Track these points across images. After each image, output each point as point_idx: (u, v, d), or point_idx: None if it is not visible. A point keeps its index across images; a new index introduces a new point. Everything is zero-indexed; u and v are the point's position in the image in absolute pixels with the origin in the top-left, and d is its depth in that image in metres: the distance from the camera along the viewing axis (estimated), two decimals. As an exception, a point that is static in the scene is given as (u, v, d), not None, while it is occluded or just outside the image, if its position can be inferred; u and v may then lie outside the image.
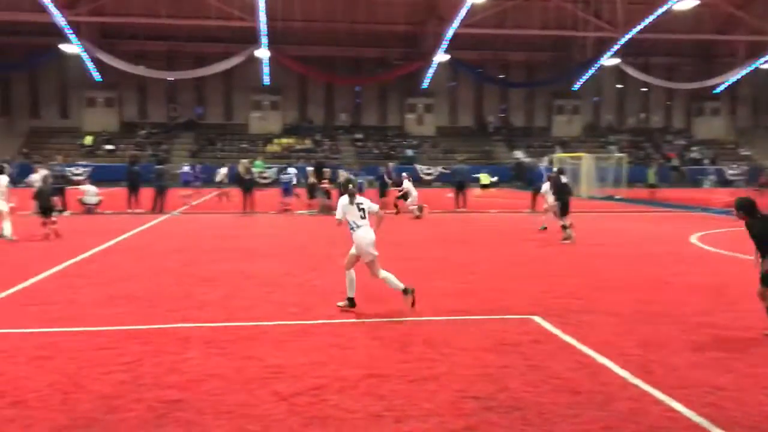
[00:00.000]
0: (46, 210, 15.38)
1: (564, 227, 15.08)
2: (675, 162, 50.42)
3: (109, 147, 47.31)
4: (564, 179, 15.91)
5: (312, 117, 53.96)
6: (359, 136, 52.17)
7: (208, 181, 30.70)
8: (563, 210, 15.18)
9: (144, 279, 10.17)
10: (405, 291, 8.07)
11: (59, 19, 40.19)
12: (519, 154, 48.82)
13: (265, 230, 17.82)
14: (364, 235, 8.04)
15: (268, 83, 50.58)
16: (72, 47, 43.71)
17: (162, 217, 20.74)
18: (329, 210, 22.75)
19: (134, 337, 6.92)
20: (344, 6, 46.84)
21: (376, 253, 8.10)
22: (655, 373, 5.87)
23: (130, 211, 22.06)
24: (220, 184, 28.46)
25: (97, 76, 47.92)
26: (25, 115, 50.85)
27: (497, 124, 55.61)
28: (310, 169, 24.03)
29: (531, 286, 9.86)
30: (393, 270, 8.29)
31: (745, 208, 7.07)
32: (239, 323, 7.54)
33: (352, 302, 8.19)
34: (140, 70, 47.80)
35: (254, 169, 26.45)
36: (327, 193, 22.79)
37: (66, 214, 21.37)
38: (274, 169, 38.09)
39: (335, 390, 5.41)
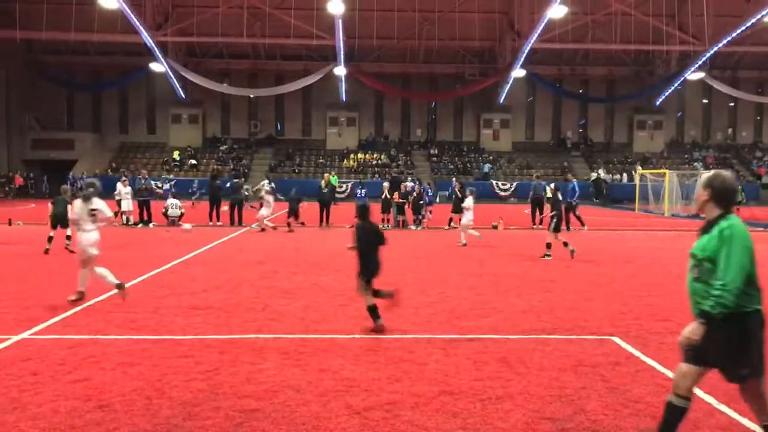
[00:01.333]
0: (58, 222, 14.70)
1: (549, 245, 15.18)
2: (766, 179, 48.20)
3: (192, 161, 49.03)
4: (559, 196, 16.19)
5: (388, 132, 54.40)
6: (434, 151, 52.19)
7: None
8: (558, 226, 15.27)
9: (223, 290, 10.42)
10: (119, 286, 9.07)
11: (148, 39, 42.02)
12: (599, 172, 47.72)
13: (340, 244, 17.95)
14: (89, 236, 9.20)
15: (345, 100, 51.39)
16: (160, 66, 45.64)
17: (241, 230, 21.28)
18: (404, 225, 22.86)
19: (212, 346, 7.08)
20: (420, 23, 47.11)
21: (96, 252, 9.23)
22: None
23: (211, 224, 22.71)
24: (257, 196, 27.18)
25: (182, 93, 49.88)
26: (115, 130, 53.41)
27: (575, 140, 54.59)
28: (385, 184, 24.21)
29: (609, 305, 9.58)
30: (473, 285, 8.20)
31: (359, 211, 7.99)
32: (314, 335, 7.62)
33: (81, 295, 9.23)
34: (223, 88, 49.56)
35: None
36: (401, 208, 22.85)
37: (151, 225, 22.25)
38: (350, 184, 38.55)
39: (408, 406, 5.38)
